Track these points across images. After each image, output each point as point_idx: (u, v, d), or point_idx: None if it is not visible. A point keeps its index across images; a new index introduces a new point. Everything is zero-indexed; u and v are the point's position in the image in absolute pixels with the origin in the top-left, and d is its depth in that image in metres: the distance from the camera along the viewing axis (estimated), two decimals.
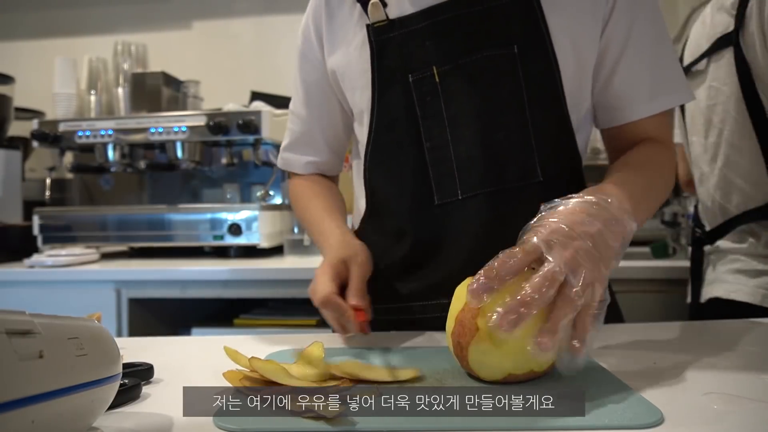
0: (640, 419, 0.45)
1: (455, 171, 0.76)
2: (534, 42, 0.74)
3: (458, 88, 0.75)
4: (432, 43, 0.76)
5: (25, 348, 0.36)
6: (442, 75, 0.76)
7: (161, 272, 1.55)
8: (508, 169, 0.75)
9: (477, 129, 0.75)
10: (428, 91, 0.77)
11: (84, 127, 1.77)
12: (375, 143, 0.81)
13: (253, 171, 1.99)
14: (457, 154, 0.76)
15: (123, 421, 0.48)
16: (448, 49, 0.76)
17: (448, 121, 0.76)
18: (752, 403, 0.49)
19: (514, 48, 0.74)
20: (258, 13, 2.33)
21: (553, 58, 0.74)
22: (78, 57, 2.05)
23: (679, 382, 0.55)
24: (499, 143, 0.75)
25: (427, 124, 0.77)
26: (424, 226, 0.79)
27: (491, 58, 0.75)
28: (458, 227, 0.77)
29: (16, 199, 1.95)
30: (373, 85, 0.79)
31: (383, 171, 0.82)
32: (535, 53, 0.74)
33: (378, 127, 0.80)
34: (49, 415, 0.37)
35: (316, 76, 0.88)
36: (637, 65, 0.77)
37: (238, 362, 0.55)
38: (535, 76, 0.75)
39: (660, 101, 0.78)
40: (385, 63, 0.78)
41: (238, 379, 0.52)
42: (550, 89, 0.75)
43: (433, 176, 0.77)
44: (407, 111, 0.78)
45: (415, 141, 0.78)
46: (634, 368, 0.59)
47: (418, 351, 0.67)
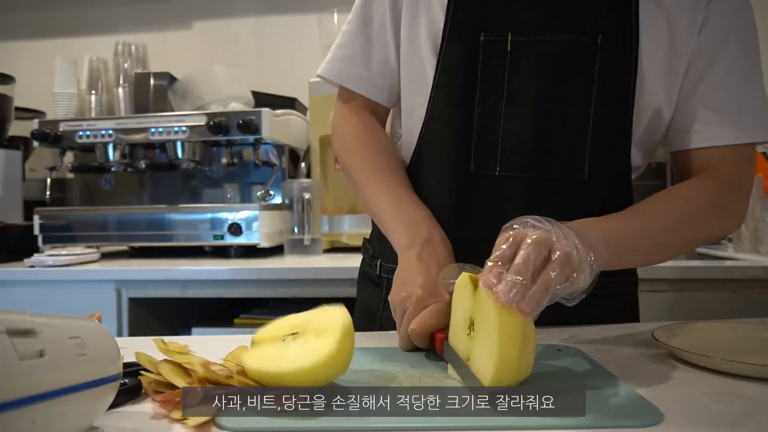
0: (640, 419, 0.45)
1: (499, 145, 0.73)
2: (620, 37, 0.70)
3: (528, 63, 0.71)
4: (513, 9, 0.72)
5: (26, 348, 0.36)
6: (515, 45, 0.72)
7: (161, 272, 1.55)
8: (555, 159, 0.72)
9: (535, 110, 0.71)
10: (495, 56, 0.72)
11: (84, 127, 1.77)
12: (433, 98, 0.77)
13: (253, 171, 1.99)
14: (506, 130, 0.72)
15: (123, 421, 0.48)
16: (529, 21, 0.71)
17: (507, 92, 0.72)
18: (752, 403, 0.49)
19: (598, 38, 0.70)
20: (258, 13, 2.33)
21: (635, 59, 0.70)
22: (78, 57, 2.05)
23: (679, 382, 0.55)
24: (554, 131, 0.72)
25: (484, 89, 0.73)
26: (454, 191, 0.75)
27: (571, 43, 0.70)
28: (489, 201, 0.74)
29: (16, 199, 1.95)
30: (443, 35, 0.74)
31: (434, 127, 0.77)
32: (618, 49, 0.70)
33: (438, 82, 0.76)
34: (50, 415, 0.37)
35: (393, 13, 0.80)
36: (719, 87, 0.72)
37: (149, 366, 0.55)
38: (611, 72, 0.71)
39: (740, 132, 0.71)
40: (459, 14, 0.74)
41: (147, 383, 0.53)
42: (622, 90, 0.71)
43: (475, 143, 0.74)
44: (468, 70, 0.73)
45: (468, 102, 0.74)
46: (634, 368, 0.59)
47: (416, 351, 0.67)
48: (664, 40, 0.71)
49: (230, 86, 1.89)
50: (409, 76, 0.81)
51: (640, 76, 0.71)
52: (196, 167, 1.87)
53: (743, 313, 0.88)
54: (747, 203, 0.75)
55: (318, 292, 1.49)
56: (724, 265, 1.50)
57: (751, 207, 1.65)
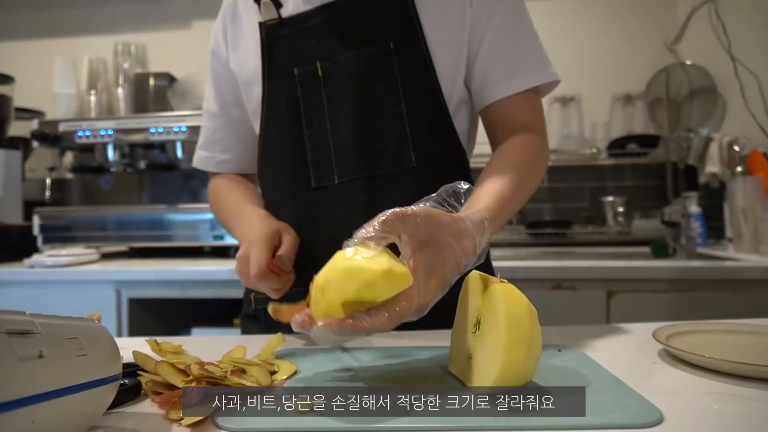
0: (640, 419, 0.45)
1: (332, 157, 0.81)
2: (409, 40, 0.80)
3: (339, 81, 0.81)
4: (317, 41, 0.82)
5: (25, 348, 0.36)
6: (325, 69, 0.81)
7: (161, 272, 1.55)
8: (383, 156, 0.80)
9: (354, 119, 0.80)
10: (311, 84, 0.82)
11: (84, 127, 1.77)
12: (265, 134, 0.86)
13: None
14: (335, 142, 0.81)
15: (123, 421, 0.48)
16: (331, 46, 0.81)
17: (328, 111, 0.81)
18: (752, 403, 0.49)
19: (390, 45, 0.80)
20: None
21: (427, 55, 0.80)
22: (78, 57, 2.05)
23: (679, 382, 0.55)
24: (375, 132, 0.80)
25: (308, 114, 0.82)
26: (300, 207, 0.83)
27: (369, 55, 0.80)
28: (335, 210, 0.81)
29: (16, 199, 1.95)
30: (263, 79, 0.84)
31: (269, 160, 0.87)
32: (410, 51, 0.80)
33: (267, 118, 0.85)
34: (50, 415, 0.37)
35: (225, 74, 0.92)
36: (496, 48, 0.82)
37: (147, 366, 0.55)
38: (410, 71, 0.80)
39: (518, 81, 0.81)
40: (275, 59, 0.84)
41: (145, 382, 0.53)
42: (426, 83, 0.80)
43: (312, 162, 0.82)
44: (292, 102, 0.83)
45: (297, 129, 0.82)
46: (634, 368, 0.59)
47: (414, 350, 0.67)
48: (441, 26, 0.81)
49: None
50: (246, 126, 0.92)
51: (437, 64, 0.80)
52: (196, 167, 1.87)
53: (743, 313, 0.88)
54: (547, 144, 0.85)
55: None
56: (724, 265, 1.50)
57: (751, 207, 1.65)
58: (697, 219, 1.78)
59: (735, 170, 1.82)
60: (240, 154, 0.96)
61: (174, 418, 0.47)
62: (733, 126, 2.08)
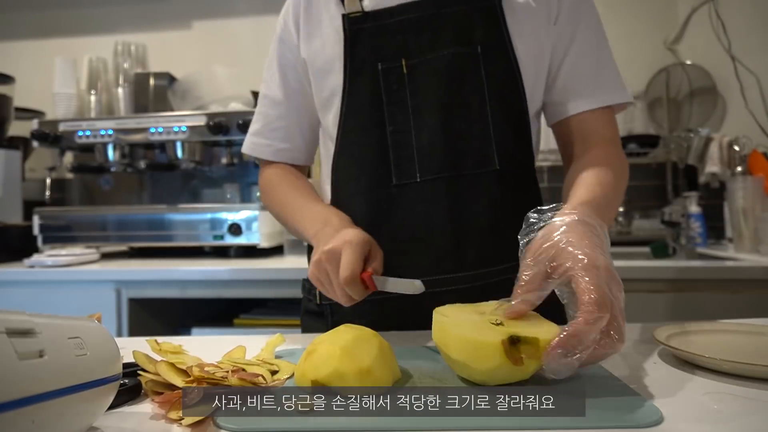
0: (640, 419, 0.45)
1: (415, 155, 0.81)
2: (496, 45, 0.81)
3: (424, 80, 0.81)
4: (402, 38, 0.82)
5: (26, 348, 0.36)
6: (410, 67, 0.82)
7: (161, 272, 1.55)
8: (466, 157, 0.80)
9: (439, 119, 0.80)
10: (395, 80, 0.82)
11: (84, 127, 1.77)
12: (344, 128, 0.85)
13: (253, 171, 1.99)
14: (418, 140, 0.81)
15: (123, 421, 0.48)
16: (417, 44, 0.82)
17: (412, 109, 0.81)
18: (752, 403, 0.49)
19: (477, 48, 0.81)
20: (258, 13, 2.33)
21: (514, 60, 0.81)
22: (78, 57, 2.05)
23: (679, 382, 0.55)
24: (460, 133, 0.81)
25: (391, 110, 0.82)
26: (379, 203, 0.82)
27: (456, 56, 0.81)
28: (415, 208, 0.81)
29: (16, 199, 1.95)
30: (345, 71, 0.83)
31: (348, 154, 0.85)
32: (496, 55, 0.81)
33: (347, 111, 0.84)
34: (49, 415, 0.37)
35: (294, 62, 0.91)
36: (579, 64, 0.84)
37: (147, 366, 0.55)
38: (496, 75, 0.81)
39: (600, 97, 0.84)
40: (357, 51, 0.83)
41: (145, 382, 0.53)
42: (511, 88, 0.82)
43: (393, 158, 0.82)
44: (373, 97, 0.82)
45: (379, 125, 0.82)
46: (634, 368, 0.59)
47: (412, 350, 0.67)
48: (528, 36, 0.82)
49: (230, 86, 1.89)
50: (328, 122, 0.89)
51: (522, 72, 0.82)
52: (196, 167, 1.87)
53: (743, 313, 0.88)
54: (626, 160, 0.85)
55: None
56: (724, 265, 1.50)
57: (751, 207, 1.65)
58: (697, 219, 1.78)
59: (735, 170, 1.82)
60: (300, 144, 0.95)
61: (174, 418, 0.47)
62: (733, 126, 2.07)
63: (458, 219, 0.80)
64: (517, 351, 0.50)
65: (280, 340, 0.70)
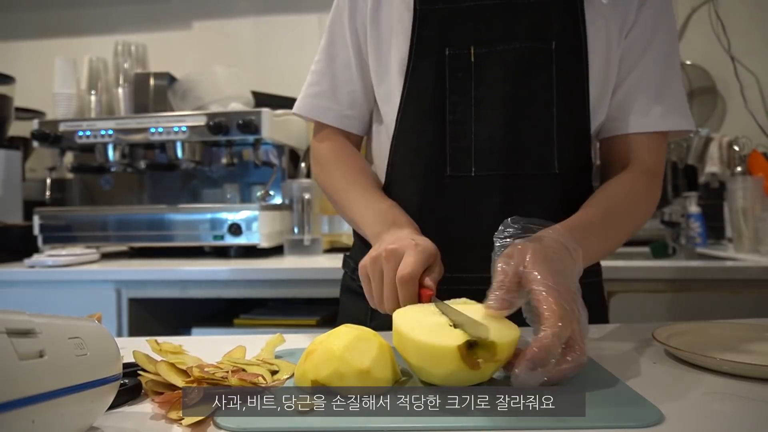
0: (640, 419, 0.45)
1: (472, 148, 0.78)
2: (572, 44, 0.77)
3: (491, 72, 0.77)
4: (473, 25, 0.78)
5: (26, 348, 0.36)
6: (478, 56, 0.77)
7: (161, 272, 1.55)
8: (525, 156, 0.78)
9: (502, 114, 0.77)
10: (461, 68, 0.78)
11: (84, 127, 1.77)
12: (404, 110, 0.81)
13: (253, 171, 1.99)
14: (477, 133, 0.78)
15: (123, 421, 0.48)
16: (488, 33, 0.77)
17: (475, 100, 0.78)
18: (752, 403, 0.49)
19: (552, 44, 0.76)
20: (258, 13, 2.33)
21: (586, 63, 0.77)
22: (78, 57, 2.04)
23: (679, 382, 0.55)
24: (522, 131, 0.77)
25: (453, 98, 0.78)
26: (430, 193, 0.80)
27: (528, 50, 0.77)
28: (466, 202, 0.78)
29: (16, 199, 1.95)
30: (410, 51, 0.79)
31: (407, 137, 0.82)
32: (570, 54, 0.77)
33: (409, 93, 0.81)
34: (50, 415, 0.37)
35: (363, 28, 0.85)
36: (645, 81, 0.79)
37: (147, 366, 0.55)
38: (567, 75, 0.77)
39: (656, 120, 0.79)
40: (425, 33, 0.79)
41: (145, 382, 0.53)
42: (579, 91, 0.78)
43: (450, 149, 0.79)
44: (437, 82, 0.79)
45: (439, 112, 0.79)
46: (634, 368, 0.59)
47: None
48: (603, 41, 0.78)
49: (230, 86, 1.89)
50: (380, 97, 0.86)
51: (591, 76, 0.78)
52: (196, 167, 1.87)
53: (743, 313, 0.88)
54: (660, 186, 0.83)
55: (318, 293, 1.49)
56: (724, 265, 1.50)
57: (751, 207, 1.65)
58: (696, 219, 1.78)
59: (735, 170, 1.82)
60: (364, 113, 0.89)
61: (174, 418, 0.47)
62: (733, 126, 2.07)
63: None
64: (474, 355, 0.50)
65: (280, 340, 0.70)
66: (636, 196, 0.78)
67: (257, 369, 0.56)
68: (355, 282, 0.88)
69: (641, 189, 0.79)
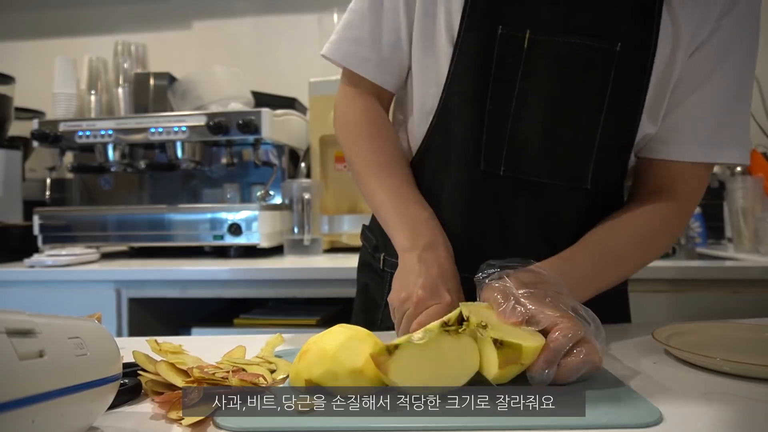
0: (640, 419, 0.45)
1: (505, 145, 0.72)
2: (638, 46, 0.68)
3: (543, 64, 0.69)
4: (535, 5, 0.69)
5: (25, 348, 0.36)
6: (532, 43, 0.69)
7: (161, 272, 1.55)
8: (560, 165, 0.72)
9: (543, 114, 0.70)
10: (511, 53, 0.70)
11: (84, 127, 1.77)
12: (449, 90, 0.73)
13: (253, 171, 1.99)
14: (513, 131, 0.71)
15: (123, 421, 0.48)
16: (549, 20, 0.69)
17: (518, 92, 0.70)
18: (752, 403, 0.49)
19: (617, 45, 0.68)
20: (258, 13, 2.33)
21: (649, 71, 0.68)
22: (78, 57, 2.04)
23: (679, 382, 0.55)
24: (562, 137, 0.71)
25: (496, 85, 0.71)
26: (464, 188, 0.74)
27: (589, 48, 0.68)
28: (490, 200, 0.74)
29: (16, 199, 1.95)
30: (461, 21, 0.71)
31: (447, 122, 0.75)
32: (635, 58, 0.68)
33: (455, 70, 0.73)
34: (49, 415, 0.37)
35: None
36: (707, 107, 0.71)
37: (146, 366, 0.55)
38: (625, 81, 0.69)
39: (712, 152, 0.72)
40: (479, 4, 0.70)
41: (145, 382, 0.53)
42: (634, 101, 0.70)
43: (485, 140, 0.72)
44: (483, 62, 0.70)
45: (480, 97, 0.71)
46: (634, 368, 0.59)
47: None
48: (668, 50, 0.69)
49: (230, 86, 1.89)
50: (421, 66, 0.76)
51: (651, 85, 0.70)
52: (196, 167, 1.87)
53: (743, 313, 0.88)
54: (690, 218, 0.76)
55: (318, 293, 1.49)
56: (724, 265, 1.50)
57: (751, 207, 1.65)
58: (696, 219, 1.78)
59: (735, 170, 1.82)
60: (403, 70, 0.79)
61: (174, 418, 0.47)
62: None
63: (528, 226, 0.73)
64: (502, 356, 0.50)
65: (280, 340, 0.70)
66: (653, 229, 0.72)
67: (257, 369, 0.56)
68: (375, 262, 0.86)
69: (661, 220, 0.73)
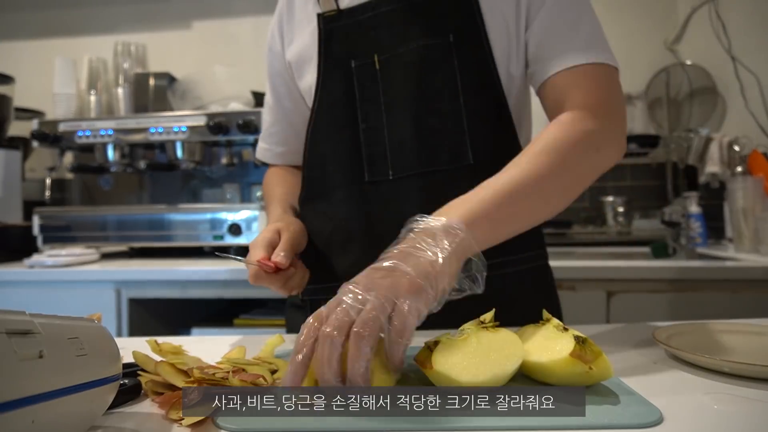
0: (640, 419, 0.45)
1: (387, 152, 0.80)
2: (469, 32, 0.78)
3: (396, 75, 0.79)
4: (375, 34, 0.81)
5: (25, 348, 0.36)
6: (382, 63, 0.80)
7: (161, 272, 1.55)
8: (439, 152, 0.79)
9: (411, 114, 0.79)
10: (368, 77, 0.81)
11: (84, 127, 1.77)
12: (315, 124, 0.85)
13: (253, 171, 1.99)
14: (391, 137, 0.80)
15: (123, 421, 0.48)
16: (389, 39, 0.80)
17: (385, 106, 0.80)
18: (752, 403, 0.49)
19: (449, 38, 0.78)
20: (257, 13, 2.33)
21: (487, 46, 0.78)
22: (78, 57, 2.05)
23: (679, 382, 0.55)
24: (432, 128, 0.78)
25: (364, 107, 0.81)
26: (353, 200, 0.82)
27: (427, 48, 0.78)
28: (388, 205, 0.80)
29: (16, 199, 1.95)
30: (318, 69, 0.84)
31: (320, 151, 0.86)
32: (470, 43, 0.78)
33: (319, 108, 0.84)
34: (49, 415, 0.37)
35: (279, 68, 0.93)
36: (549, 25, 0.76)
37: (147, 366, 0.55)
38: (469, 64, 0.78)
39: (579, 54, 0.73)
40: (331, 49, 0.83)
41: (145, 382, 0.54)
42: (486, 75, 0.78)
43: (366, 155, 0.81)
44: (347, 94, 0.82)
45: (352, 122, 0.82)
46: (634, 368, 0.59)
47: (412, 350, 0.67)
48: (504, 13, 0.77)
49: (230, 86, 1.89)
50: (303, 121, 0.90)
51: (496, 55, 0.78)
52: (196, 167, 1.87)
53: (743, 313, 0.88)
54: (620, 126, 0.74)
55: None
56: (724, 265, 1.50)
57: (751, 207, 1.65)
58: (697, 219, 1.78)
59: (735, 170, 1.82)
60: (296, 147, 0.94)
61: (174, 418, 0.47)
62: (733, 126, 2.07)
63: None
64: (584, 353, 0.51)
65: (280, 341, 0.70)
66: (566, 141, 0.70)
67: (257, 369, 0.56)
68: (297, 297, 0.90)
69: (572, 130, 0.70)
